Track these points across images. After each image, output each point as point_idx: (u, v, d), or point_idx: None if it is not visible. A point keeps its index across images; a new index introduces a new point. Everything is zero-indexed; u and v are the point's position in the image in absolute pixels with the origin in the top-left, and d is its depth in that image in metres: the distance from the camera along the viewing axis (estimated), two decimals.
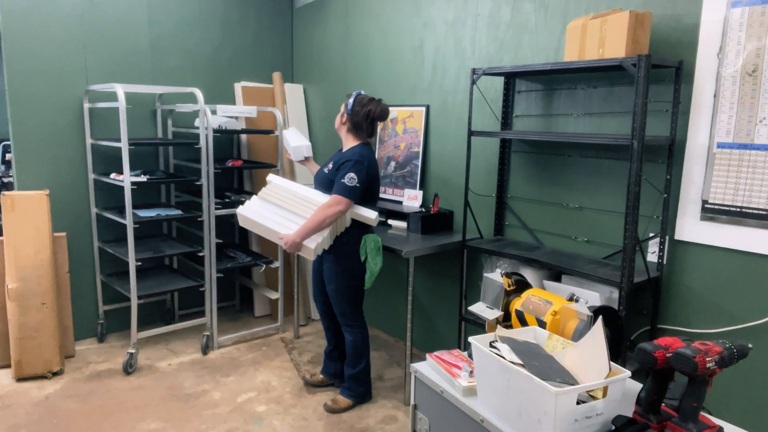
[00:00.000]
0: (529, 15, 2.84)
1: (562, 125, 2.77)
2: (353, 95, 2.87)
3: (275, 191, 2.85)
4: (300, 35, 4.53)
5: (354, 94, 2.88)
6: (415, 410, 1.86)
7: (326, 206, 2.68)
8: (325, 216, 2.66)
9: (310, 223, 2.68)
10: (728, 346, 1.35)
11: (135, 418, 2.89)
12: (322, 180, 2.86)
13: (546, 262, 2.55)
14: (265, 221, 2.79)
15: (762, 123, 2.08)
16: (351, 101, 2.85)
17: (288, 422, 2.89)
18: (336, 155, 2.91)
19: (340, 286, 2.87)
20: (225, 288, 4.43)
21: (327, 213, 2.67)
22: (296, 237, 2.68)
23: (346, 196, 2.68)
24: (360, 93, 2.86)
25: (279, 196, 2.83)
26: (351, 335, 2.96)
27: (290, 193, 2.83)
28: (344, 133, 2.90)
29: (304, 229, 2.68)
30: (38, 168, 3.55)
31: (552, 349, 1.60)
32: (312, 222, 2.67)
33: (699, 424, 1.35)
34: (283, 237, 2.71)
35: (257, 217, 2.81)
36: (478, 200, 3.18)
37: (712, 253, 2.26)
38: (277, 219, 2.78)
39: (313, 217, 2.68)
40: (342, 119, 2.88)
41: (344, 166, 2.72)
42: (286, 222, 2.76)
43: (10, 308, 3.20)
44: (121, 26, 3.76)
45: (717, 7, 2.16)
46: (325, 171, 2.85)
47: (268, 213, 2.81)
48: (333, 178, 2.77)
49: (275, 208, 2.82)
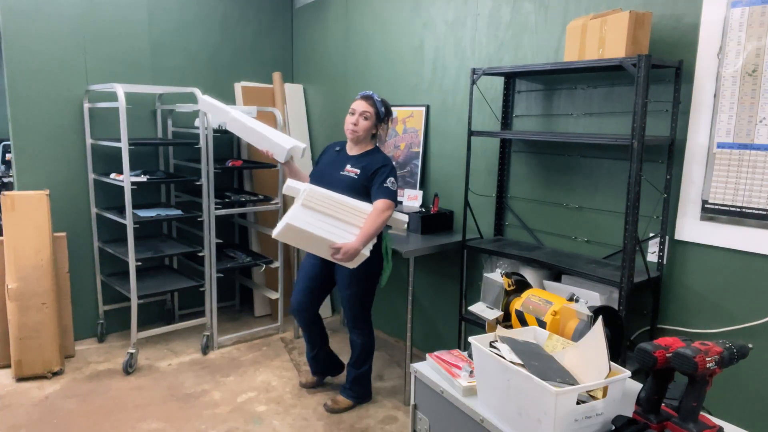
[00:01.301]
0: (529, 15, 2.84)
1: (562, 125, 2.77)
2: (377, 97, 2.80)
3: (317, 199, 2.57)
4: (300, 35, 4.53)
5: (373, 95, 2.80)
6: (415, 410, 1.86)
7: (380, 211, 2.60)
8: (382, 221, 2.60)
9: (370, 229, 2.57)
10: (728, 346, 1.35)
11: (135, 418, 2.89)
12: (349, 185, 2.73)
13: (546, 262, 2.55)
14: (320, 231, 2.53)
15: (762, 123, 2.08)
16: (383, 108, 2.80)
17: (288, 422, 2.89)
18: (355, 160, 2.80)
19: (359, 290, 2.84)
20: (225, 288, 4.43)
21: (383, 218, 2.60)
22: (359, 245, 2.53)
23: (393, 200, 2.67)
24: (376, 96, 2.81)
25: (323, 204, 2.57)
26: (360, 338, 2.95)
27: (333, 201, 2.59)
28: (367, 139, 2.82)
29: (366, 236, 2.56)
30: (38, 168, 3.55)
31: (552, 349, 1.60)
32: (372, 228, 2.57)
33: (699, 424, 1.35)
34: (342, 246, 2.52)
35: (310, 228, 2.51)
36: (478, 200, 3.18)
37: (712, 253, 2.26)
38: (327, 228, 2.55)
39: (372, 223, 2.57)
40: (375, 127, 2.80)
41: (381, 171, 2.70)
42: (336, 230, 2.56)
43: (10, 308, 3.20)
44: (121, 26, 3.76)
45: (717, 7, 2.16)
46: (352, 176, 2.75)
47: (318, 222, 2.55)
48: (366, 183, 2.71)
49: (321, 216, 2.56)
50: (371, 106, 2.77)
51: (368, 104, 2.77)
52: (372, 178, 2.71)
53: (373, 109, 2.77)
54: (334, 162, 2.86)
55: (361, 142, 2.81)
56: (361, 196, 2.69)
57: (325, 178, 2.81)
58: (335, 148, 2.94)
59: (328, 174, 2.82)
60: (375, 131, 2.83)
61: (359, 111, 2.76)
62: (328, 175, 2.82)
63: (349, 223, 2.58)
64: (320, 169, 2.92)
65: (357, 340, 2.95)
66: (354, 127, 2.76)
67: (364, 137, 2.80)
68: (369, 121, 2.77)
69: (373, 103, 2.78)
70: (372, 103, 2.77)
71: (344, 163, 2.82)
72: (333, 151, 2.94)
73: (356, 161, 2.79)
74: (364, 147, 2.83)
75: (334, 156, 2.91)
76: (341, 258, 2.54)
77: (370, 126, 2.79)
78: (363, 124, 2.76)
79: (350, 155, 2.84)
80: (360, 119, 2.76)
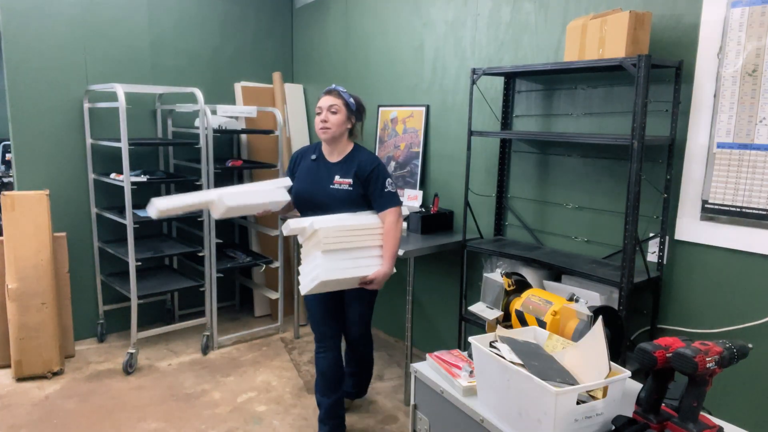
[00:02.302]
0: (529, 15, 2.84)
1: (562, 125, 2.77)
2: (345, 92, 2.54)
3: (333, 238, 2.36)
4: (300, 35, 4.53)
5: (342, 89, 2.53)
6: (415, 410, 1.86)
7: (394, 223, 2.45)
8: (400, 233, 2.48)
9: (394, 248, 2.45)
10: (728, 346, 1.35)
11: (135, 418, 2.89)
12: (344, 199, 2.49)
13: (546, 262, 2.55)
14: (349, 272, 2.38)
15: (762, 123, 2.08)
16: (351, 99, 2.54)
17: (288, 422, 2.89)
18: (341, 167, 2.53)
19: (371, 299, 2.69)
20: (225, 288, 4.43)
21: (399, 229, 2.47)
22: (389, 269, 2.43)
23: (399, 203, 2.51)
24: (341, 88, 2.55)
25: (340, 240, 2.39)
26: (367, 347, 2.86)
27: (346, 231, 2.40)
28: (343, 137, 2.55)
29: (392, 257, 2.45)
30: (38, 168, 3.55)
31: (552, 349, 1.60)
32: (395, 246, 2.46)
33: (699, 424, 1.35)
34: (375, 277, 2.40)
35: (342, 273, 2.37)
36: (478, 200, 3.18)
37: (712, 253, 2.26)
38: (353, 264, 2.41)
39: (393, 240, 2.45)
40: (349, 120, 2.53)
41: (375, 175, 2.48)
42: (361, 262, 2.43)
43: (10, 308, 3.20)
44: (121, 26, 3.76)
45: (717, 7, 2.16)
46: (346, 188, 2.48)
47: (343, 263, 2.39)
48: (362, 192, 2.50)
49: (343, 254, 2.40)
50: (337, 98, 2.50)
51: (333, 97, 2.50)
52: (367, 185, 2.49)
53: (340, 100, 2.49)
54: (317, 174, 2.55)
55: (337, 142, 2.53)
56: (360, 206, 2.52)
57: (315, 197, 2.53)
58: (311, 156, 2.61)
59: (318, 191, 2.52)
60: (350, 125, 2.55)
61: (326, 106, 2.48)
62: (319, 192, 2.52)
63: (368, 248, 2.45)
64: (304, 186, 2.57)
65: (368, 350, 2.87)
66: (324, 124, 2.47)
67: (338, 134, 2.50)
68: (340, 115, 2.48)
69: (338, 95, 2.50)
70: (337, 94, 2.50)
71: (330, 173, 2.53)
72: (309, 160, 2.61)
73: (343, 169, 2.52)
74: (344, 149, 2.56)
75: (312, 166, 2.58)
76: (375, 287, 2.45)
77: (343, 119, 2.49)
78: (334, 119, 2.47)
79: (332, 162, 2.55)
80: (328, 114, 2.47)
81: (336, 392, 2.65)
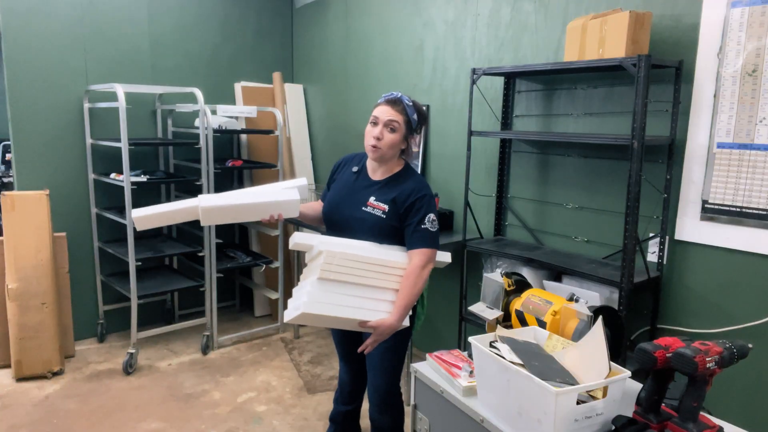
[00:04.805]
0: (529, 15, 2.84)
1: (562, 125, 2.77)
2: (407, 101, 2.06)
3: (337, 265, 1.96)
4: (300, 35, 4.53)
5: (403, 97, 2.07)
6: (415, 410, 1.86)
7: (420, 269, 1.99)
8: (423, 283, 2.01)
9: (409, 298, 1.98)
10: (728, 346, 1.35)
11: (135, 418, 2.89)
12: (374, 226, 2.06)
13: (546, 262, 2.55)
14: (344, 311, 1.95)
15: (762, 123, 2.08)
16: (415, 116, 2.06)
17: (288, 422, 2.89)
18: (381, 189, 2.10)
19: (391, 344, 2.12)
20: (225, 288, 4.43)
21: (423, 278, 2.01)
22: (396, 322, 1.96)
23: (435, 246, 2.05)
24: (407, 98, 2.08)
25: (346, 271, 1.97)
26: (392, 419, 2.27)
27: (357, 262, 1.97)
28: (395, 156, 2.11)
29: (404, 309, 1.97)
30: (38, 168, 3.55)
31: (552, 349, 1.60)
32: (411, 297, 1.98)
33: (699, 424, 1.35)
34: (377, 326, 1.94)
35: (333, 310, 1.94)
36: (478, 200, 3.18)
37: (712, 253, 2.26)
38: (353, 302, 1.98)
39: (410, 289, 1.97)
40: (405, 141, 2.08)
41: (418, 206, 2.03)
42: (365, 303, 1.98)
43: (10, 308, 3.21)
44: (121, 26, 3.76)
45: (717, 7, 2.16)
46: (378, 214, 2.06)
47: (340, 298, 1.96)
48: (396, 223, 2.06)
49: (344, 288, 1.97)
50: (400, 113, 2.03)
51: (396, 111, 2.03)
52: (405, 214, 2.04)
53: (402, 117, 2.03)
54: (353, 189, 2.16)
55: (386, 161, 2.10)
56: (391, 240, 2.08)
57: (341, 213, 2.14)
58: (353, 168, 2.21)
59: (346, 208, 2.13)
60: (405, 146, 2.10)
61: (383, 120, 2.02)
62: (346, 210, 2.13)
63: (381, 288, 2.01)
64: (335, 200, 2.19)
65: (387, 421, 2.26)
66: (376, 142, 2.02)
67: (389, 156, 2.07)
68: (397, 134, 2.03)
69: (403, 109, 2.04)
70: (401, 109, 2.04)
71: (367, 192, 2.11)
72: (350, 171, 2.21)
73: (383, 191, 2.09)
74: (391, 168, 2.12)
75: (351, 179, 2.19)
76: (376, 338, 1.98)
77: (399, 140, 2.04)
78: (389, 139, 2.02)
79: (374, 180, 2.13)
80: (385, 131, 2.02)
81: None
